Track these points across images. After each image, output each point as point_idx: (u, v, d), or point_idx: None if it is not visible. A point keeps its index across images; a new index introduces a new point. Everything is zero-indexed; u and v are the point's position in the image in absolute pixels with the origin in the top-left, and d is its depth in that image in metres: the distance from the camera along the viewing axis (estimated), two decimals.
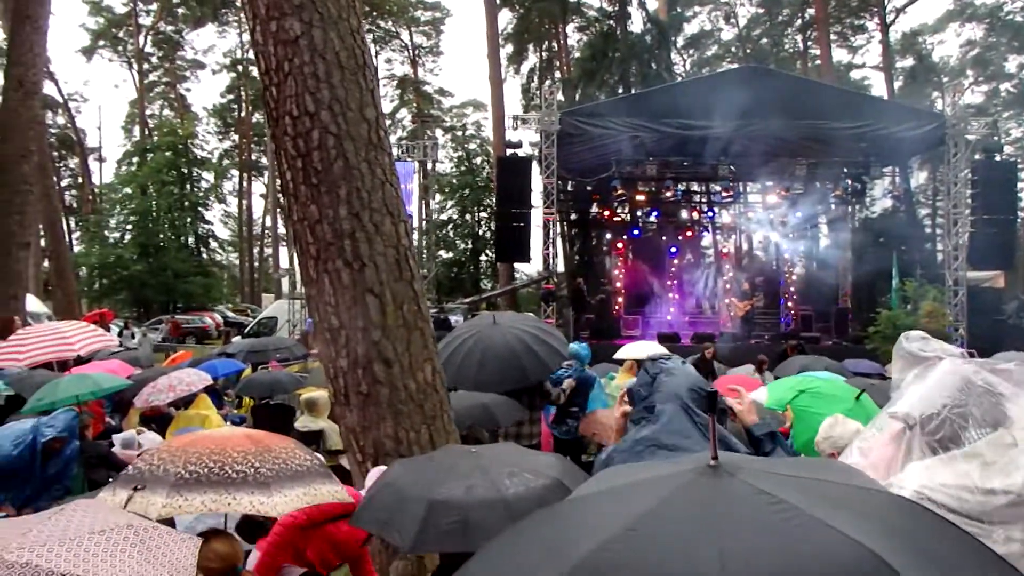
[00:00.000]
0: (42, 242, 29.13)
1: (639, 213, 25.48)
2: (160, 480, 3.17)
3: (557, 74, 43.17)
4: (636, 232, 25.35)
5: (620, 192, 23.65)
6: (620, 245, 24.84)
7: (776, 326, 22.61)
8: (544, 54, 45.17)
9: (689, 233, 25.95)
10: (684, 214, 25.50)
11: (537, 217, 20.79)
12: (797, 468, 1.78)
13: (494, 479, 3.04)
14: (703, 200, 26.77)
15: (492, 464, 3.20)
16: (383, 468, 4.39)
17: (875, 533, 1.35)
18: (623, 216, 25.44)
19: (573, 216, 27.71)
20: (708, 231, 27.68)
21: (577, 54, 42.14)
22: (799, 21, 46.06)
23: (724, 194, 25.78)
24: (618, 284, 24.24)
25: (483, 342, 6.72)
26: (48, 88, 36.73)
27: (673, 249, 25.23)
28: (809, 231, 25.78)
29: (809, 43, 46.13)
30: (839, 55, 46.87)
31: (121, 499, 3.13)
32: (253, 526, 4.80)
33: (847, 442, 3.63)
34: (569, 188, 24.87)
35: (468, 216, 43.54)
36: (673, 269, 25.09)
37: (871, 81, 47.61)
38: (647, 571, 1.34)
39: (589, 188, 24.05)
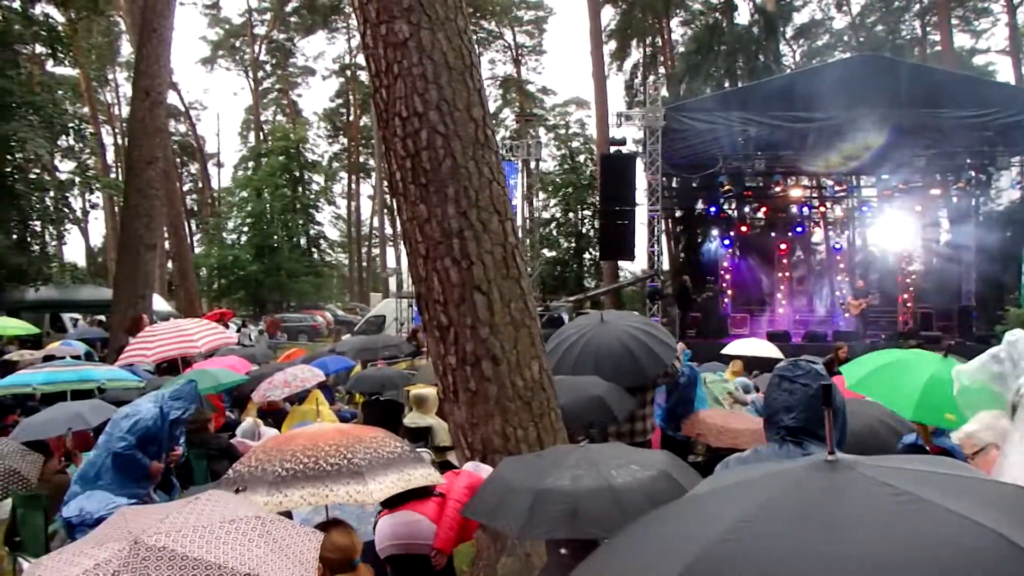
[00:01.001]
0: (166, 244, 30.60)
1: (747, 209, 24.92)
2: (259, 480, 3.26)
3: (661, 69, 42.61)
4: (744, 228, 24.78)
5: (727, 188, 23.19)
6: (727, 242, 24.32)
7: (893, 325, 21.69)
8: (648, 49, 44.66)
9: (799, 229, 25.18)
10: (794, 209, 24.76)
11: (641, 214, 20.59)
12: (914, 463, 1.76)
13: (601, 470, 3.03)
14: (814, 195, 25.91)
15: (599, 457, 3.19)
16: (475, 463, 4.46)
17: (1003, 519, 1.33)
18: (730, 212, 24.92)
19: (678, 213, 27.29)
20: (820, 227, 26.79)
21: (682, 48, 41.49)
22: (917, 6, 43.93)
23: (837, 188, 24.91)
24: (725, 282, 23.75)
25: (595, 342, 6.67)
26: (171, 98, 38.58)
27: (783, 246, 24.54)
28: (929, 225, 24.57)
29: (928, 28, 44.01)
30: (961, 40, 44.52)
31: (233, 495, 3.25)
32: None
33: (990, 440, 3.41)
34: (674, 185, 24.49)
35: (571, 214, 43.42)
36: (783, 266, 24.41)
37: (996, 66, 45.05)
38: (768, 564, 1.32)
39: (695, 184, 23.66)
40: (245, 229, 44.50)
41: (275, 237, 43.52)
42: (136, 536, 2.32)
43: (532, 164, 28.81)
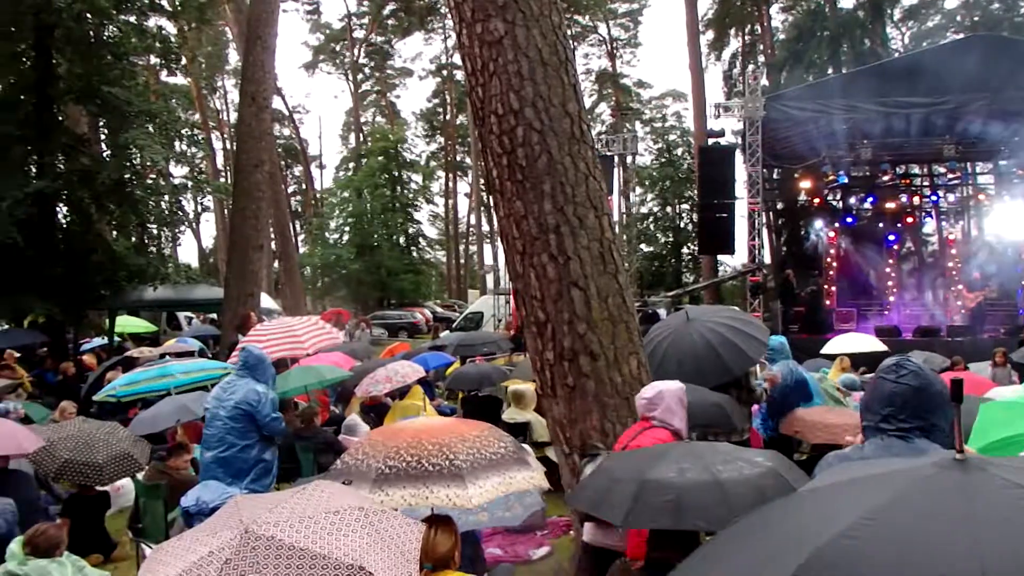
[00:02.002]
0: (272, 244, 31.61)
1: (852, 200, 24.01)
2: (364, 475, 3.33)
3: (761, 58, 41.56)
4: (850, 220, 23.89)
5: (831, 178, 22.42)
6: (832, 234, 23.49)
7: (1012, 319, 20.54)
8: (746, 38, 43.65)
9: (909, 219, 24.09)
10: (903, 199, 23.73)
11: (741, 207, 20.15)
12: None
13: (707, 464, 3.00)
14: (925, 183, 24.77)
15: (706, 452, 3.16)
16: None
17: None
18: (835, 203, 24.07)
19: (780, 205, 26.50)
20: (931, 216, 25.59)
21: (782, 36, 40.37)
22: None
23: (949, 176, 23.74)
24: (830, 275, 22.98)
25: (679, 341, 6.59)
26: (276, 103, 39.87)
27: (891, 237, 23.55)
28: None
29: None
30: None
31: (338, 486, 3.33)
32: None
33: None
34: (775, 176, 23.80)
35: (669, 209, 42.85)
36: (891, 258, 23.44)
37: None
38: (890, 563, 1.29)
39: (797, 175, 22.93)
40: (347, 229, 45.58)
41: (375, 236, 44.40)
42: (247, 526, 2.42)
43: (628, 159, 28.57)
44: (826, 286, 22.41)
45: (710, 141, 20.99)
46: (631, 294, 5.31)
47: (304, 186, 60.66)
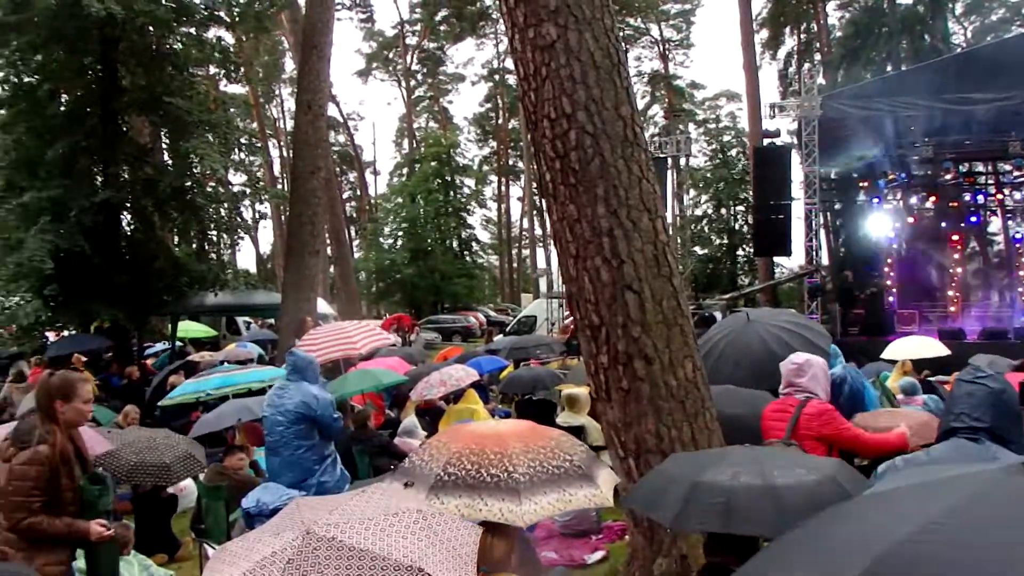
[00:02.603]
0: (328, 250, 32.04)
1: (914, 199, 23.45)
2: (424, 479, 3.30)
3: (817, 56, 40.88)
4: (911, 220, 23.35)
5: (891, 177, 21.94)
6: (892, 235, 22.99)
7: None
8: (802, 36, 42.97)
9: (974, 219, 23.44)
10: (967, 197, 23.10)
11: (798, 208, 19.83)
12: None
13: (763, 469, 2.94)
14: (989, 181, 24.08)
15: (764, 457, 3.11)
16: None
17: None
18: (895, 203, 23.54)
19: (838, 205, 26.05)
20: (997, 215, 24.89)
21: (839, 33, 39.62)
22: None
23: (1016, 173, 23.05)
24: (891, 277, 22.47)
25: (737, 341, 6.52)
26: (331, 110, 40.46)
27: (955, 237, 22.93)
28: None
29: None
30: None
31: (399, 488, 3.35)
32: None
33: None
34: (833, 176, 23.40)
35: (723, 210, 42.36)
36: (955, 258, 22.82)
37: None
38: (958, 568, 1.26)
39: (855, 175, 22.52)
40: (400, 234, 46.05)
41: (429, 241, 44.78)
42: (308, 527, 2.47)
43: (682, 160, 28.35)
44: (887, 287, 21.93)
45: (765, 141, 20.72)
46: (686, 297, 5.27)
47: (359, 192, 61.50)
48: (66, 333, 16.48)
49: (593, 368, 5.09)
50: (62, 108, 16.07)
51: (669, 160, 25.81)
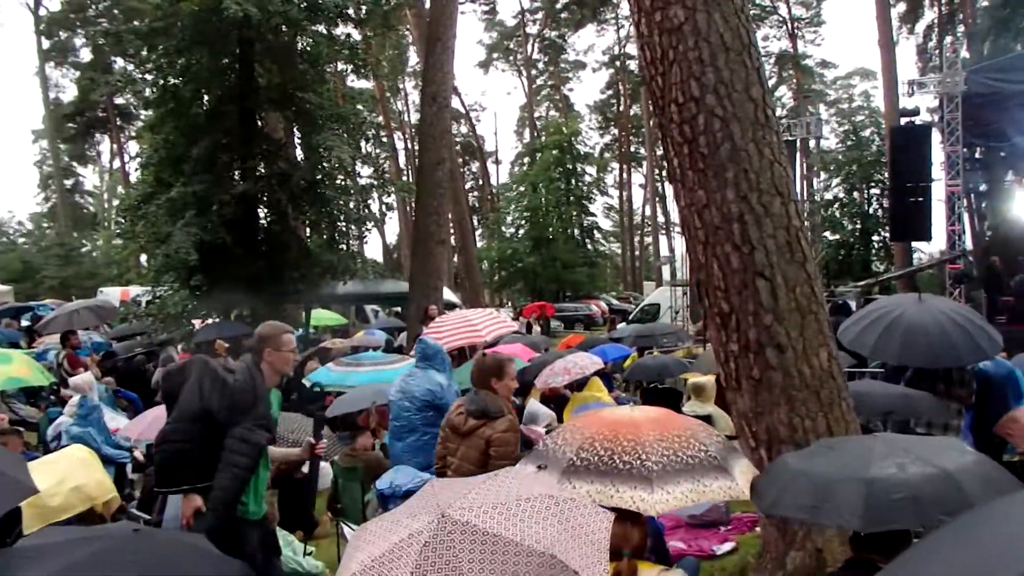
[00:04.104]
0: (452, 240, 32.59)
1: None
2: (557, 463, 3.30)
3: (960, 28, 38.53)
4: None
5: None
6: None
7: None
8: (943, 8, 40.59)
9: None
10: None
11: (938, 190, 18.76)
12: None
13: (921, 456, 2.82)
14: None
15: (911, 445, 2.97)
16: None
17: None
18: None
19: (983, 187, 24.52)
20: None
21: (985, 2, 37.21)
22: None
23: None
24: None
25: (909, 318, 6.29)
26: (454, 102, 41.04)
27: None
28: None
29: None
30: None
31: (529, 473, 3.38)
32: None
33: None
34: (977, 156, 22.01)
35: (856, 194, 40.54)
36: None
37: None
38: None
39: (1003, 154, 21.11)
40: (522, 223, 46.34)
41: (551, 229, 44.87)
42: (443, 510, 2.53)
43: (811, 143, 27.33)
44: None
45: (903, 120, 19.69)
46: (820, 284, 5.10)
47: (481, 182, 62.32)
48: (210, 321, 17.40)
49: (723, 356, 5.00)
50: (204, 107, 16.91)
51: (798, 142, 24.93)
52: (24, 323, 20.33)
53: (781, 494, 3.14)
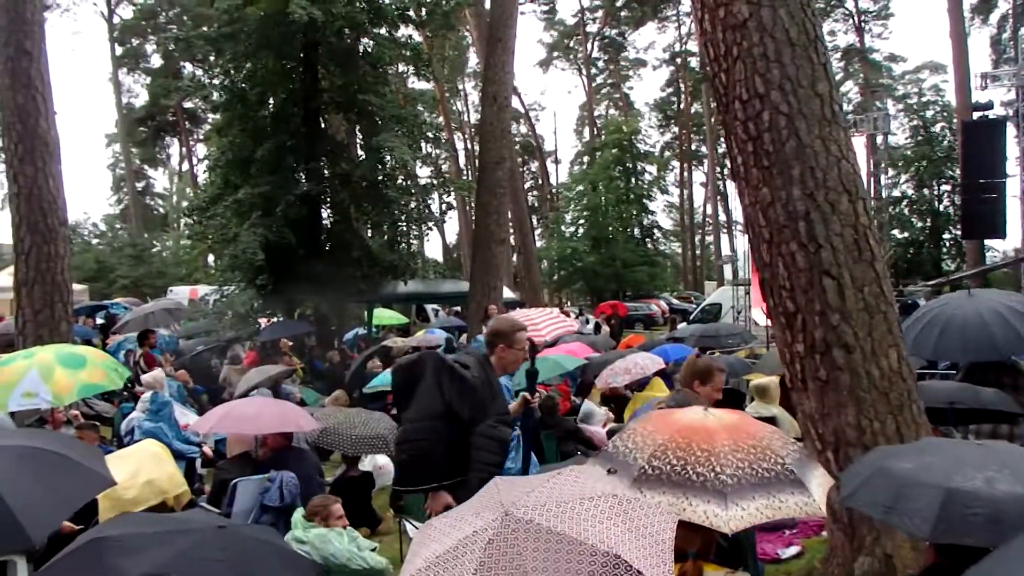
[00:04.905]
0: (511, 239, 32.63)
1: None
2: (627, 469, 3.18)
3: None
4: None
5: None
6: None
7: None
8: None
9: None
10: None
11: (1013, 186, 18.19)
12: None
13: (1016, 472, 2.70)
14: None
15: (1007, 457, 2.85)
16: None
17: None
18: None
19: None
20: None
21: None
22: None
23: None
24: None
25: (951, 312, 6.19)
26: (514, 101, 41.12)
27: None
28: None
29: None
30: None
31: (595, 472, 3.35)
32: None
33: None
34: None
35: (926, 191, 39.44)
36: None
37: None
38: None
39: None
40: (582, 222, 46.19)
41: (610, 228, 44.65)
42: (507, 508, 2.55)
43: (879, 139, 26.71)
44: None
45: (975, 115, 19.14)
46: (889, 283, 4.99)
47: (540, 181, 62.27)
48: (274, 319, 17.74)
49: (788, 357, 4.93)
50: (269, 110, 17.25)
51: (864, 139, 24.38)
52: (99, 321, 20.97)
53: (860, 488, 3.05)
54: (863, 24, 49.14)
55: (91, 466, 3.68)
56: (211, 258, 31.42)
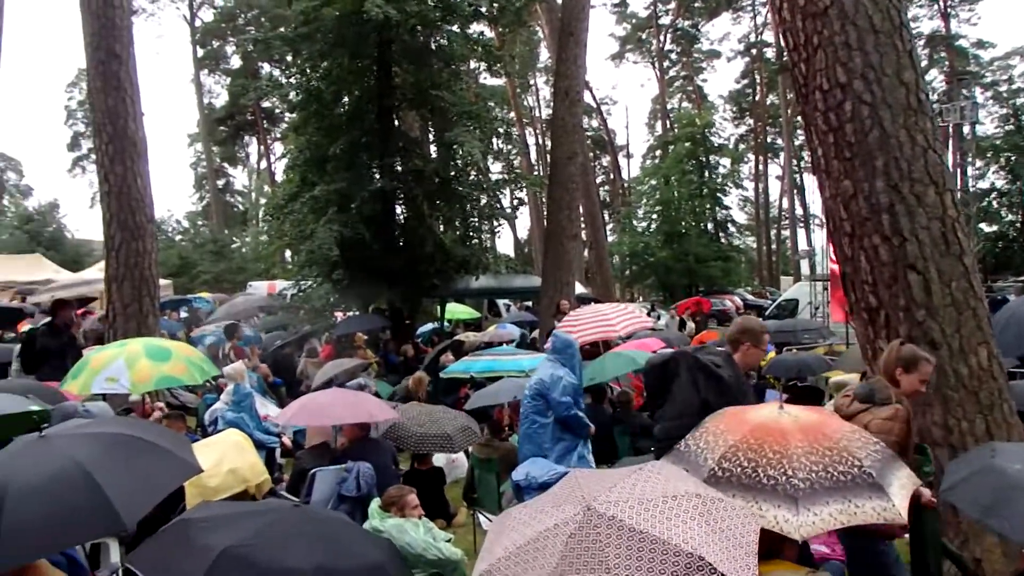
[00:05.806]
0: (583, 234, 32.51)
1: None
2: (698, 470, 3.14)
3: None
4: None
5: None
6: None
7: None
8: None
9: None
10: None
11: None
12: None
13: None
14: None
15: None
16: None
17: None
18: None
19: None
20: None
21: None
22: None
23: None
24: None
25: (1014, 309, 5.93)
26: (585, 96, 40.94)
27: None
28: None
29: None
30: None
31: (672, 471, 3.32)
32: None
33: None
34: None
35: (1017, 183, 37.89)
36: None
37: None
38: None
39: None
40: (654, 217, 45.68)
41: (683, 223, 44.03)
42: (588, 503, 2.54)
43: (966, 128, 25.75)
44: None
45: None
46: (979, 278, 4.81)
47: (612, 176, 61.90)
48: (350, 313, 18.02)
49: (871, 353, 4.81)
50: (344, 108, 17.51)
51: (951, 128, 23.51)
52: (183, 314, 21.65)
53: (963, 484, 2.94)
54: (949, 9, 47.41)
55: (180, 454, 3.81)
56: (288, 254, 32.09)
